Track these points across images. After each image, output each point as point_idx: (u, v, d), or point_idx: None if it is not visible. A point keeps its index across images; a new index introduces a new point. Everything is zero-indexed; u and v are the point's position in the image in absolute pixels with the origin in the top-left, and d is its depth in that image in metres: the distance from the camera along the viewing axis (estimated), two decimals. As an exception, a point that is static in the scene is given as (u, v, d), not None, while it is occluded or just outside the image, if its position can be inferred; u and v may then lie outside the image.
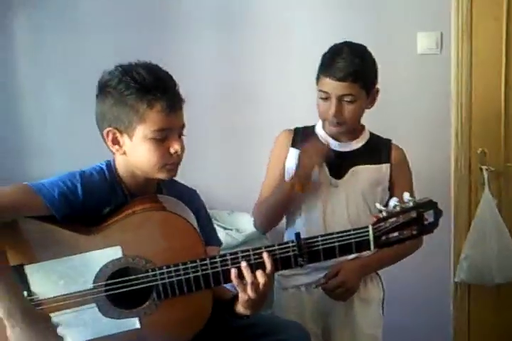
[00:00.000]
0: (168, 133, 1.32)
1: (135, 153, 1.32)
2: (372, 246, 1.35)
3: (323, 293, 1.68)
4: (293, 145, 1.75)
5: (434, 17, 2.34)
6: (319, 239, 1.34)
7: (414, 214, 1.34)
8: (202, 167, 2.25)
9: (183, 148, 1.34)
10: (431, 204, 1.36)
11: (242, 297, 1.32)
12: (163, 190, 1.44)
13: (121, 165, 1.37)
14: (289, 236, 1.77)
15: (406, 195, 1.37)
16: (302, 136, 1.75)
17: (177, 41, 2.31)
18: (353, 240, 1.34)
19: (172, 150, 1.32)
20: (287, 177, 1.72)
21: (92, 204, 1.31)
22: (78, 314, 1.25)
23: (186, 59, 2.28)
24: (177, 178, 1.50)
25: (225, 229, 2.21)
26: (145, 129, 1.29)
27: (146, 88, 1.28)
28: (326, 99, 1.63)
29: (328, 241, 1.33)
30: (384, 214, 1.35)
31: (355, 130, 1.73)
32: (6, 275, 1.19)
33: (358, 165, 1.70)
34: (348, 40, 1.68)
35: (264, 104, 2.35)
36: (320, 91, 1.65)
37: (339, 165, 1.70)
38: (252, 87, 2.36)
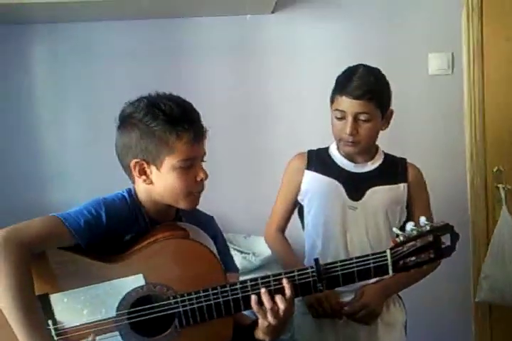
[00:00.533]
0: (194, 162, 1.36)
1: (162, 182, 1.35)
2: (390, 271, 1.36)
3: (345, 318, 1.69)
4: (308, 168, 1.77)
5: (444, 38, 2.37)
6: (338, 264, 1.34)
7: (431, 238, 1.35)
8: (218, 191, 2.26)
9: (207, 176, 1.38)
10: (447, 228, 1.37)
11: (262, 323, 1.32)
12: (182, 216, 1.47)
13: (142, 193, 1.40)
14: (308, 259, 1.78)
15: (422, 219, 1.37)
16: (316, 158, 1.78)
17: (191, 70, 2.35)
18: (371, 265, 1.34)
19: (198, 178, 1.36)
20: (301, 199, 1.75)
21: (115, 231, 1.34)
22: (102, 342, 1.27)
23: (200, 87, 2.31)
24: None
25: (241, 252, 2.22)
26: (173, 159, 1.33)
27: (174, 120, 1.31)
28: (342, 118, 1.65)
29: (347, 267, 1.34)
30: (401, 238, 1.36)
31: (370, 151, 1.75)
32: (31, 303, 1.21)
33: (375, 186, 1.71)
34: (359, 62, 1.71)
35: (278, 127, 2.38)
36: (336, 110, 1.67)
37: (356, 186, 1.71)
38: (265, 111, 2.38)
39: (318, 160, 1.77)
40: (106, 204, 1.35)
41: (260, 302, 1.30)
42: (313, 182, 1.75)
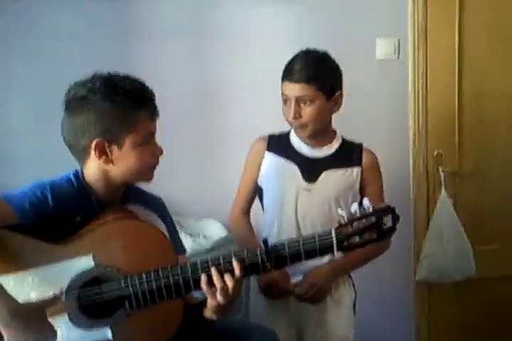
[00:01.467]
0: (151, 138, 1.40)
1: (124, 160, 1.37)
2: (335, 250, 1.40)
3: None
4: (268, 150, 1.81)
5: (392, 23, 2.41)
6: (285, 244, 1.38)
7: (373, 220, 1.40)
8: (169, 173, 2.25)
9: (162, 151, 1.43)
10: (389, 210, 1.42)
11: (211, 302, 1.35)
12: (130, 197, 1.47)
13: (93, 175, 1.39)
14: None
15: (366, 201, 1.42)
16: (277, 142, 1.82)
17: (146, 49, 2.30)
18: (317, 244, 1.39)
19: (157, 154, 1.41)
20: (260, 181, 1.79)
21: (62, 213, 1.33)
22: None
23: (156, 69, 2.27)
24: (145, 184, 1.53)
25: (191, 236, 2.22)
26: (134, 137, 1.35)
27: (134, 98, 1.33)
28: (287, 102, 1.70)
29: (295, 247, 1.38)
30: (345, 218, 1.41)
31: (326, 135, 1.79)
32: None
33: (329, 170, 1.76)
34: (310, 44, 1.75)
35: (232, 110, 2.36)
36: (282, 95, 1.73)
37: (311, 169, 1.76)
38: (221, 95, 2.36)
39: (278, 144, 1.82)
40: (52, 187, 1.35)
41: (210, 283, 1.32)
42: (271, 164, 1.80)
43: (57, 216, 1.32)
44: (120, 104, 1.32)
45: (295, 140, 1.80)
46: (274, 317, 1.76)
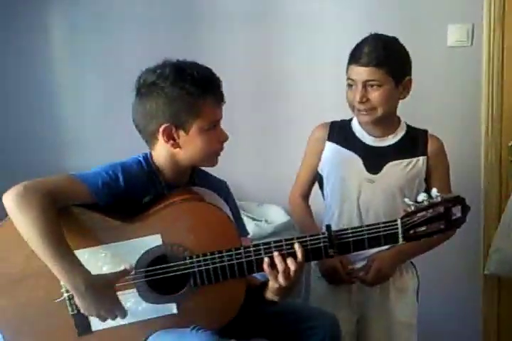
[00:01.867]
0: (217, 124, 1.44)
1: (191, 145, 1.42)
2: (400, 239, 1.39)
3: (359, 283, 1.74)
4: (329, 139, 1.79)
5: (465, 8, 2.33)
6: (349, 231, 1.38)
7: (441, 209, 1.38)
8: (233, 159, 2.29)
9: (227, 137, 1.47)
10: (458, 200, 1.40)
11: (272, 284, 1.38)
12: (196, 180, 1.52)
13: (162, 157, 1.45)
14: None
15: (434, 191, 1.40)
16: (338, 130, 1.80)
17: (210, 37, 2.35)
18: (382, 233, 1.38)
19: (221, 139, 1.45)
20: (321, 170, 1.78)
21: (133, 192, 1.39)
22: (120, 298, 1.32)
23: (219, 55, 2.31)
24: (209, 170, 1.57)
25: (254, 220, 2.26)
26: (201, 123, 1.39)
27: (201, 84, 1.38)
28: (352, 86, 1.68)
29: (358, 234, 1.38)
30: (412, 208, 1.39)
31: (390, 123, 1.75)
32: (67, 249, 1.27)
33: (393, 161, 1.72)
34: (378, 32, 1.71)
35: (295, 98, 2.38)
36: (348, 79, 1.70)
37: (375, 160, 1.73)
38: (283, 81, 2.38)
39: (340, 132, 1.79)
40: (123, 167, 1.41)
41: (272, 265, 1.34)
42: (332, 153, 1.78)
43: (128, 196, 1.38)
44: (188, 91, 1.37)
45: (357, 128, 1.77)
46: (335, 303, 1.76)
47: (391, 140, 1.75)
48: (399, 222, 1.38)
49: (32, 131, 2.48)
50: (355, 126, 1.78)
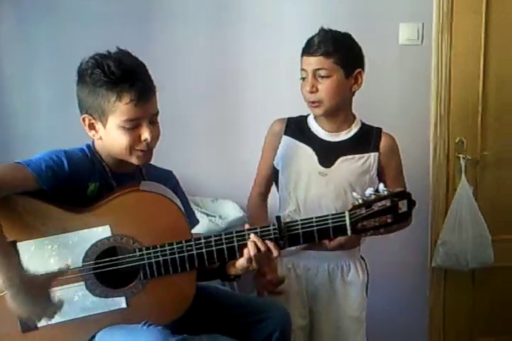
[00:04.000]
0: (139, 122, 1.39)
1: (108, 139, 1.40)
2: (349, 231, 1.43)
3: (309, 275, 1.77)
4: (285, 133, 1.81)
5: (416, 8, 2.38)
6: (299, 222, 1.40)
7: (388, 203, 1.42)
8: (186, 154, 2.29)
9: (154, 136, 1.40)
10: (404, 194, 1.44)
11: (242, 265, 1.42)
12: (143, 169, 1.52)
13: (99, 147, 1.46)
14: None
15: (381, 186, 1.44)
16: (295, 125, 1.82)
17: (165, 33, 2.30)
18: (330, 225, 1.41)
19: (142, 138, 1.39)
20: (276, 163, 1.80)
21: (77, 177, 1.38)
22: (67, 292, 1.30)
23: (174, 51, 2.28)
24: (162, 165, 1.56)
25: (208, 215, 2.26)
26: (116, 119, 1.37)
27: (114, 81, 1.35)
28: (305, 78, 1.71)
29: (308, 225, 1.40)
30: (360, 201, 1.42)
31: (346, 119, 1.78)
32: (4, 246, 1.23)
33: (345, 155, 1.75)
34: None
35: (250, 95, 2.37)
36: (300, 70, 1.73)
37: (328, 154, 1.76)
38: (239, 79, 2.37)
39: (296, 127, 1.81)
40: (66, 152, 1.40)
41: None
42: (288, 147, 1.80)
43: (73, 180, 1.36)
44: (102, 85, 1.35)
45: (313, 123, 1.80)
46: (286, 297, 1.78)
47: (345, 135, 1.78)
48: (347, 214, 1.41)
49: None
50: (311, 121, 1.81)
